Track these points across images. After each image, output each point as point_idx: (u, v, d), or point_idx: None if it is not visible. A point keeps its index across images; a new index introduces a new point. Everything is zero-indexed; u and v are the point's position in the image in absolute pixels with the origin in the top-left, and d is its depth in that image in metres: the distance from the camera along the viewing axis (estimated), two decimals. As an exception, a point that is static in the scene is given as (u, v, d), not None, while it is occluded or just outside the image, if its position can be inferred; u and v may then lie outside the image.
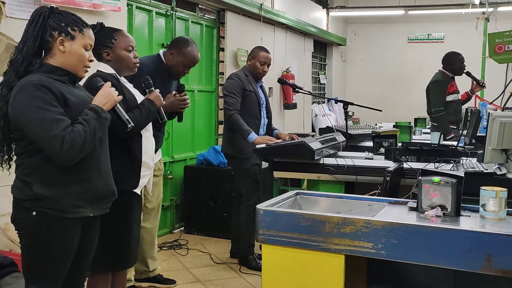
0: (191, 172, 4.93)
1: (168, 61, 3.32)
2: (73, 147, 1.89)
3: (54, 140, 1.87)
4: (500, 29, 6.62)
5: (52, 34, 1.98)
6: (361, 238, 2.07)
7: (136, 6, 4.45)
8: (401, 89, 9.26)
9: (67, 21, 2.00)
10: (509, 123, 2.61)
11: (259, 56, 3.97)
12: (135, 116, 2.41)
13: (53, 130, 1.87)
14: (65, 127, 1.89)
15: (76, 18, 2.04)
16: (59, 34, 1.98)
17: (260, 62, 3.97)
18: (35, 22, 1.98)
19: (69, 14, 2.04)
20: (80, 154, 1.93)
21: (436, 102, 4.96)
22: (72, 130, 1.90)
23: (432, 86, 5.05)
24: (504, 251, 1.89)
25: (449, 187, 2.20)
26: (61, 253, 2.00)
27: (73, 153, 1.90)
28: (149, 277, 3.61)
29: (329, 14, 9.08)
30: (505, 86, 5.32)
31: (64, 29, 1.99)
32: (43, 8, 2.02)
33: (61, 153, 1.89)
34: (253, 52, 4.03)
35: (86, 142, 1.93)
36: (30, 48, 1.96)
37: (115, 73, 2.51)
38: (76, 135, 1.89)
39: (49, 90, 1.91)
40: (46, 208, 1.94)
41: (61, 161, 1.92)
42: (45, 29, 1.98)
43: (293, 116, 7.30)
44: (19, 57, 1.97)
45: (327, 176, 3.21)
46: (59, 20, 1.99)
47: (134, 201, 2.53)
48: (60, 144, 1.87)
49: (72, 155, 1.91)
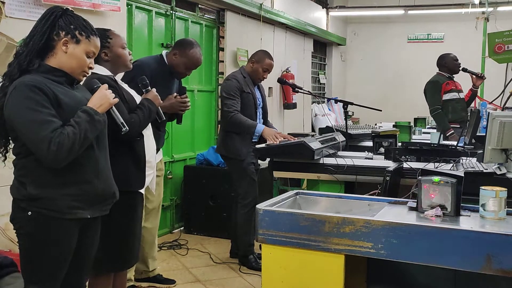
0: (191, 172, 4.93)
1: (171, 61, 3.32)
2: (60, 149, 1.87)
3: (42, 142, 1.86)
4: (500, 29, 6.62)
5: (58, 33, 1.99)
6: (361, 238, 2.07)
7: (136, 6, 4.44)
8: (400, 89, 9.26)
9: (77, 25, 2.02)
10: (509, 123, 2.61)
11: (264, 63, 3.94)
12: (138, 117, 2.42)
13: (41, 131, 1.87)
14: (54, 129, 1.88)
15: (87, 24, 2.06)
16: (66, 35, 1.99)
17: (263, 68, 3.95)
18: (46, 19, 1.99)
19: (81, 19, 2.05)
20: (68, 157, 1.91)
21: (432, 101, 5.07)
22: (61, 132, 1.89)
23: (427, 87, 5.18)
24: (504, 251, 1.89)
25: (449, 187, 2.20)
26: (58, 254, 2.00)
27: (61, 155, 1.88)
28: (149, 277, 3.60)
29: (328, 14, 9.08)
30: (504, 86, 5.33)
31: (72, 32, 2.00)
32: (57, 8, 2.04)
33: (48, 155, 1.87)
34: (258, 57, 3.98)
35: (75, 145, 1.91)
36: (36, 43, 1.97)
37: (112, 75, 2.51)
38: (65, 137, 1.88)
39: (41, 91, 1.90)
40: (41, 209, 1.94)
41: (49, 163, 1.91)
42: (54, 27, 1.99)
43: (293, 116, 7.30)
44: (24, 50, 1.98)
45: (327, 176, 3.21)
46: (69, 22, 2.01)
47: (137, 201, 2.54)
48: (48, 146, 1.86)
49: (59, 158, 1.89)
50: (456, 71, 5.18)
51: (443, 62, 5.18)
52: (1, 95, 1.96)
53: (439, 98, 5.03)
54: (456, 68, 5.17)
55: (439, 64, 5.23)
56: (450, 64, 5.14)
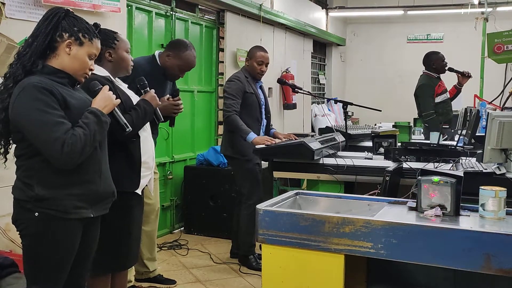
0: (191, 172, 4.94)
1: (164, 62, 3.27)
2: (74, 150, 1.89)
3: (55, 143, 1.87)
4: (499, 29, 6.63)
5: (62, 35, 1.99)
6: (361, 238, 2.08)
7: (136, 7, 4.45)
8: (400, 89, 9.25)
9: (80, 27, 2.02)
10: (508, 123, 2.62)
11: (256, 56, 3.96)
12: (131, 118, 2.41)
13: (54, 133, 1.88)
14: (66, 130, 1.90)
15: (89, 26, 2.07)
16: (69, 37, 2.00)
17: (258, 62, 3.96)
18: (49, 20, 1.99)
19: (84, 21, 2.06)
20: (80, 158, 1.93)
21: (426, 106, 4.99)
22: (73, 134, 1.90)
23: (420, 91, 5.07)
24: (503, 251, 1.89)
25: (448, 187, 2.21)
26: (63, 253, 2.01)
27: (74, 156, 1.90)
28: (149, 278, 3.61)
29: (328, 15, 9.08)
30: (504, 86, 5.34)
31: (75, 34, 2.00)
32: (60, 9, 2.04)
33: (62, 156, 1.89)
34: (250, 53, 4.02)
35: (86, 146, 1.93)
36: (39, 44, 1.97)
37: (109, 76, 2.52)
38: (77, 139, 1.90)
39: (51, 93, 1.91)
40: (48, 209, 1.95)
41: (61, 165, 1.92)
42: (57, 29, 1.99)
43: (292, 116, 7.31)
44: (28, 51, 1.98)
45: (326, 176, 3.22)
46: (72, 24, 2.01)
47: (134, 202, 2.53)
48: (61, 148, 1.88)
49: (72, 159, 1.91)
50: (443, 72, 5.12)
51: (430, 62, 5.09)
52: (5, 95, 1.96)
53: (433, 101, 4.98)
54: (443, 69, 5.11)
55: (426, 63, 5.13)
56: (438, 65, 5.07)
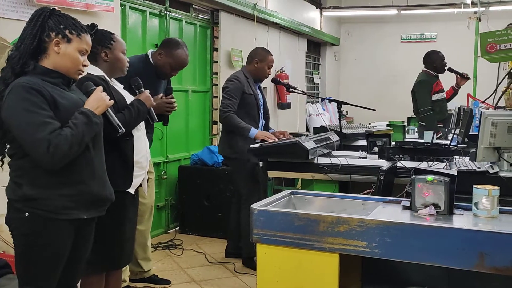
0: (186, 172, 4.93)
1: (156, 60, 3.28)
2: (58, 151, 1.87)
3: (39, 144, 1.86)
4: (492, 29, 6.65)
5: (49, 35, 1.98)
6: (355, 237, 2.08)
7: (130, 7, 4.43)
8: (394, 88, 9.29)
9: (66, 24, 2.01)
10: (501, 122, 2.63)
11: (268, 60, 3.98)
12: (124, 117, 2.40)
13: (39, 133, 1.86)
14: (52, 130, 1.88)
15: (76, 22, 2.05)
16: (56, 35, 1.98)
17: (269, 65, 4.00)
18: (35, 21, 1.98)
19: (69, 18, 2.04)
20: (65, 159, 1.91)
21: (423, 102, 5.02)
22: (59, 134, 1.88)
23: (418, 87, 5.12)
24: (496, 249, 1.90)
25: (442, 186, 2.22)
26: (54, 254, 2.00)
27: (58, 157, 1.88)
28: (144, 278, 3.60)
29: (322, 14, 9.10)
30: (497, 85, 5.34)
31: (62, 31, 1.99)
32: (45, 9, 2.02)
33: (46, 157, 1.87)
34: (260, 55, 4.00)
35: (73, 146, 1.91)
36: (27, 46, 1.96)
37: (104, 75, 2.51)
38: (62, 139, 1.88)
39: (39, 93, 1.89)
40: (37, 209, 1.94)
41: (46, 165, 1.90)
42: (44, 29, 1.98)
43: (287, 116, 7.31)
44: (16, 54, 1.97)
45: (321, 175, 3.22)
46: (58, 22, 2.00)
47: (127, 201, 2.53)
48: (46, 148, 1.86)
49: (56, 159, 1.89)
50: (442, 71, 5.17)
51: (430, 60, 5.14)
52: None
53: (430, 98, 5.02)
54: (443, 69, 5.16)
55: (426, 62, 5.17)
56: (438, 64, 5.12)
